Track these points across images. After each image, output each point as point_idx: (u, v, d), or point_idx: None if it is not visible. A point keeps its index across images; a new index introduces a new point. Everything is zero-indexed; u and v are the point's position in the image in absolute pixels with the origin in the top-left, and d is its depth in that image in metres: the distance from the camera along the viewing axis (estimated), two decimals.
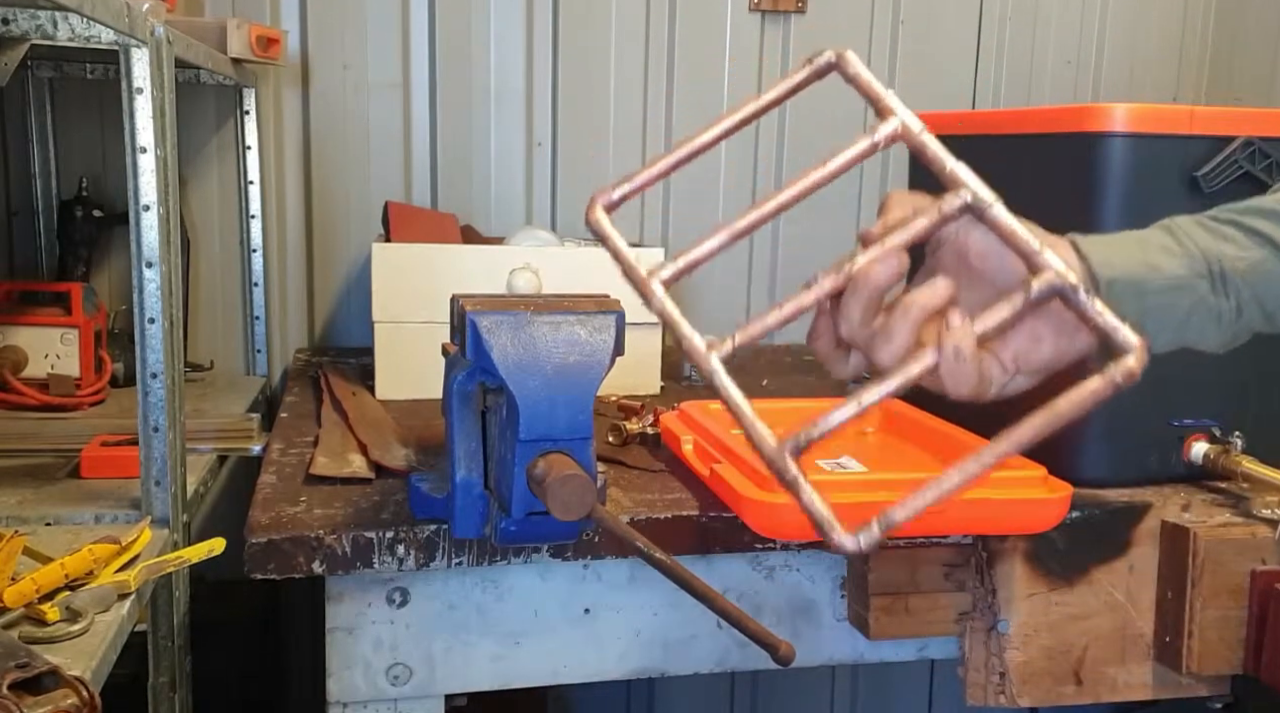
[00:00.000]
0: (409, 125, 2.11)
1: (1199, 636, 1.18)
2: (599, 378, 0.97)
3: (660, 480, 1.28)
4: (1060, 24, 2.39)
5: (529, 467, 0.95)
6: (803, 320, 0.73)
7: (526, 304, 1.02)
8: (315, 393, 1.71)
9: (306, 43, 2.05)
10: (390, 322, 1.64)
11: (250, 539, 1.08)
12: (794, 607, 1.27)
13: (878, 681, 2.44)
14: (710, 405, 1.43)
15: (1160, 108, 1.26)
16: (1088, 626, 1.23)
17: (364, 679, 1.17)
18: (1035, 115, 1.40)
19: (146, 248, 1.17)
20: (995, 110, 2.31)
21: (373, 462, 1.30)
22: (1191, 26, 2.48)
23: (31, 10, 1.09)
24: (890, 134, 0.67)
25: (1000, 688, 1.23)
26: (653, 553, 0.96)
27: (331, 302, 2.14)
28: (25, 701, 0.79)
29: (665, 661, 1.25)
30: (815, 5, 2.24)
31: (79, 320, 1.73)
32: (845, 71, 0.68)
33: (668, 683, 2.35)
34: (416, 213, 2.04)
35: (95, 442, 1.40)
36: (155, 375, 1.20)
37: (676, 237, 2.24)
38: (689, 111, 2.22)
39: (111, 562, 1.07)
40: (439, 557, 1.11)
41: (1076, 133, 1.26)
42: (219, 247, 2.08)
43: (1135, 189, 1.23)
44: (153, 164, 1.16)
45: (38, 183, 1.97)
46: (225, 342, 2.10)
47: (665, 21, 2.19)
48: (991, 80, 2.36)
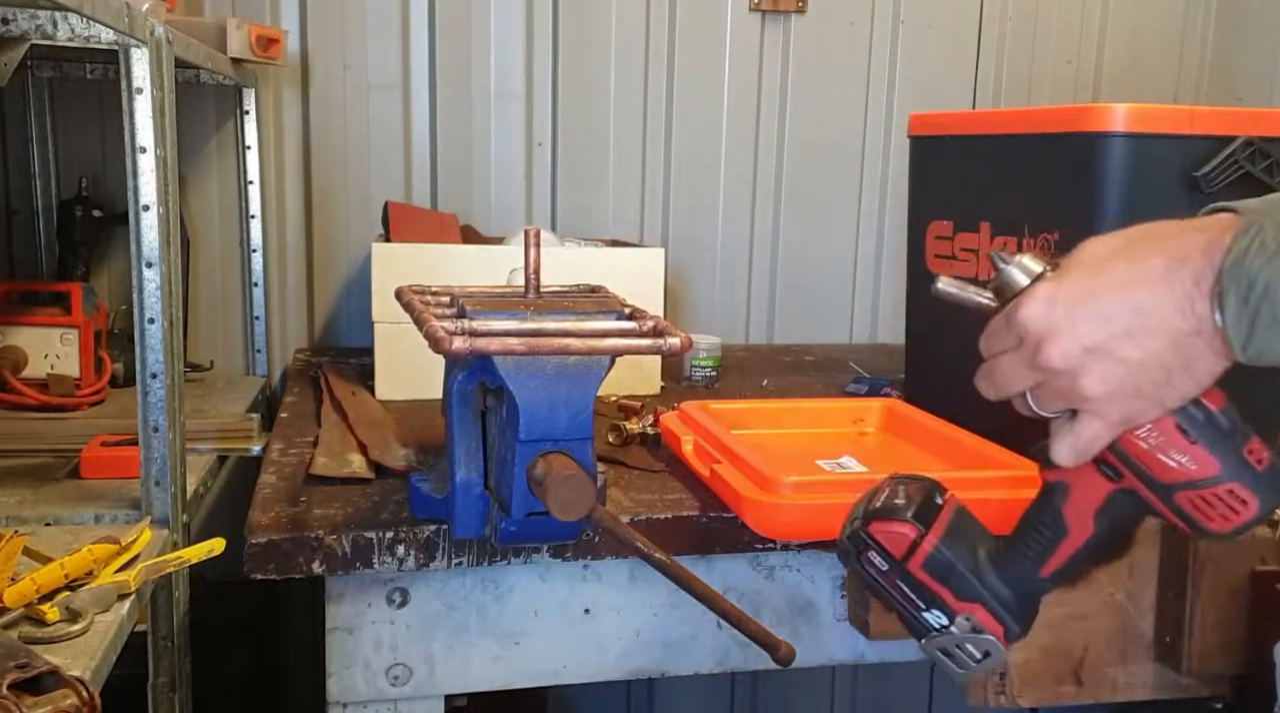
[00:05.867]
0: (409, 125, 2.11)
1: (1199, 636, 1.18)
2: (599, 378, 0.97)
3: (660, 480, 1.28)
4: (1060, 24, 2.39)
5: (529, 467, 0.95)
6: (800, 322, 0.74)
7: (526, 304, 1.03)
8: (315, 393, 1.71)
9: (306, 43, 2.05)
10: (390, 322, 1.64)
11: (250, 539, 1.08)
12: (794, 607, 1.27)
13: (878, 681, 2.44)
14: (710, 405, 1.43)
15: (1160, 108, 1.26)
16: (1088, 626, 1.23)
17: (364, 680, 1.17)
18: (1035, 115, 1.39)
19: (146, 248, 1.17)
20: (995, 110, 2.31)
21: (373, 462, 1.30)
22: (1191, 26, 2.48)
23: (31, 10, 1.09)
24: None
25: (1000, 688, 1.23)
26: (652, 553, 0.96)
27: (331, 302, 2.14)
28: (25, 701, 0.79)
29: (665, 661, 1.25)
30: (815, 5, 2.24)
31: (79, 320, 1.73)
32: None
33: (668, 683, 2.35)
34: (416, 213, 2.04)
35: (95, 442, 1.40)
36: (155, 375, 1.20)
37: (677, 237, 2.24)
38: (689, 111, 2.22)
39: (111, 562, 1.07)
40: (439, 557, 1.11)
41: (1076, 133, 1.26)
42: (219, 247, 2.08)
43: (1135, 189, 1.23)
44: (152, 164, 1.16)
45: (38, 183, 1.97)
46: (225, 342, 2.10)
47: (665, 21, 2.19)
48: (991, 80, 2.36)
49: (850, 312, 2.37)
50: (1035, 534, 0.80)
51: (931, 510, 0.83)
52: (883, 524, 0.83)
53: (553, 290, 1.12)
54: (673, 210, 2.24)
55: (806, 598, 1.27)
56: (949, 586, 0.81)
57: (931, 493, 0.85)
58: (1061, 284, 0.69)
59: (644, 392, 1.73)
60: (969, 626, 0.81)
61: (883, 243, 2.35)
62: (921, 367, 1.64)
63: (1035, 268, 0.72)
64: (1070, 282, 0.69)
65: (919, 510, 0.83)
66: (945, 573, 0.81)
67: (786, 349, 2.26)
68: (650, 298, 1.71)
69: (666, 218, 2.25)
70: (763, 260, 2.31)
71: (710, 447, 1.28)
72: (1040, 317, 0.69)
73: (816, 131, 2.29)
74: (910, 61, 2.30)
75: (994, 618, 0.81)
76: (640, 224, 2.23)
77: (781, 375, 1.96)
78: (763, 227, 2.29)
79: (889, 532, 0.82)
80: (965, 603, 0.81)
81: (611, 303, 1.07)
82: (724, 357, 1.93)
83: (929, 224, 1.56)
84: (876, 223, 2.35)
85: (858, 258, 2.36)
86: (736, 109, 2.25)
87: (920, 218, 1.59)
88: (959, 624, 0.81)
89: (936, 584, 0.82)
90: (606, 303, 1.07)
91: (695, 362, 1.84)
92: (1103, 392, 0.68)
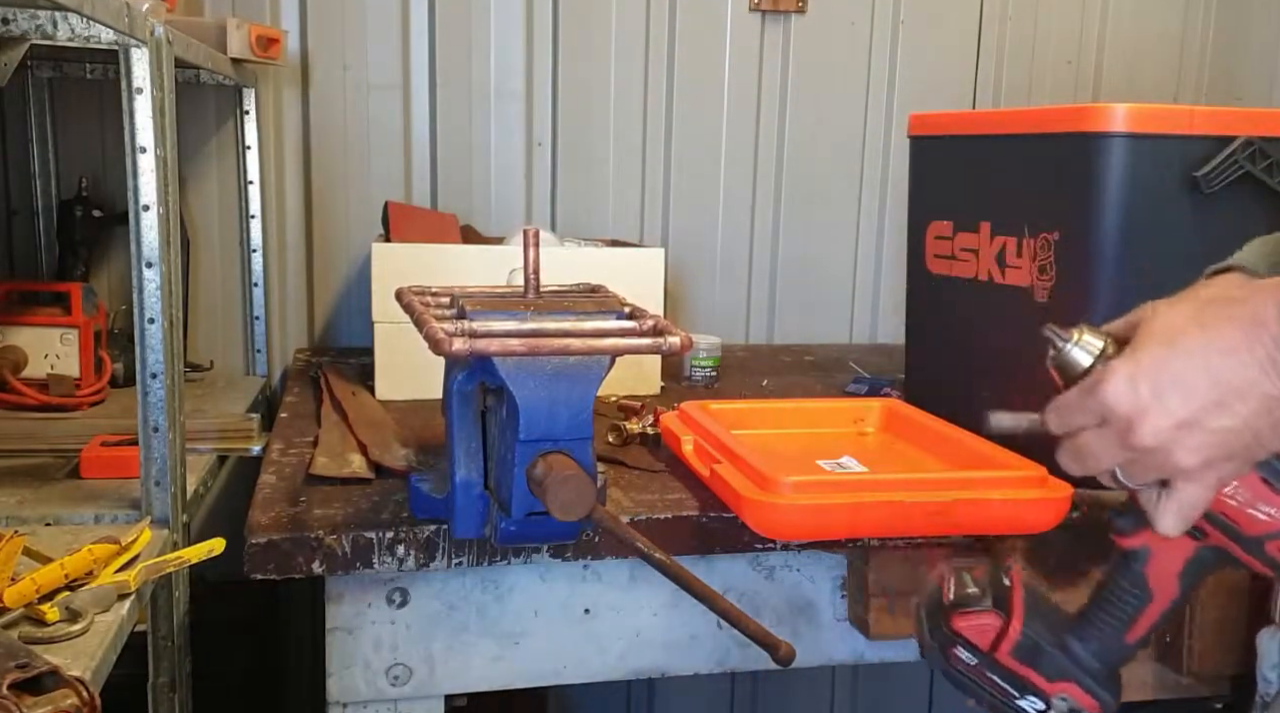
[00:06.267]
0: (409, 125, 2.11)
1: (1199, 636, 1.18)
2: (599, 378, 0.97)
3: (660, 480, 1.28)
4: (1060, 24, 2.39)
5: (529, 467, 0.95)
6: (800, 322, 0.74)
7: (526, 304, 1.02)
8: (315, 393, 1.71)
9: (306, 43, 2.05)
10: (390, 322, 1.64)
11: (250, 539, 1.08)
12: (794, 607, 1.27)
13: (878, 681, 2.44)
14: (710, 405, 1.43)
15: (1160, 108, 1.26)
16: None
17: (364, 680, 1.17)
18: (1035, 115, 1.39)
19: (146, 248, 1.17)
20: (995, 110, 2.31)
21: (373, 462, 1.30)
22: (1191, 26, 2.48)
23: (31, 10, 1.09)
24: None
25: None
26: (653, 553, 0.96)
27: (331, 302, 2.14)
28: (25, 701, 0.79)
29: (665, 661, 1.25)
30: (815, 5, 2.24)
31: (79, 320, 1.73)
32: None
33: (668, 683, 2.35)
34: (416, 213, 2.04)
35: (95, 442, 1.40)
36: (155, 375, 1.20)
37: (676, 237, 2.24)
38: (689, 111, 2.22)
39: (111, 562, 1.07)
40: (439, 557, 1.11)
41: (1076, 133, 1.26)
42: (219, 247, 2.08)
43: (1135, 189, 1.23)
44: (152, 164, 1.16)
45: (38, 183, 1.97)
46: (225, 342, 2.10)
47: (665, 21, 2.19)
48: (991, 80, 2.36)
49: (850, 312, 2.37)
50: (1118, 602, 0.80)
51: (1004, 592, 0.82)
52: (965, 619, 0.81)
53: (552, 290, 1.12)
54: (673, 210, 2.24)
55: (806, 598, 1.27)
56: (1039, 668, 0.80)
57: (998, 573, 0.83)
58: (1140, 360, 0.70)
59: (644, 392, 1.73)
60: (1066, 707, 0.81)
61: (883, 243, 2.35)
62: (921, 367, 1.64)
63: (1097, 344, 0.73)
64: (1148, 357, 0.70)
65: (996, 596, 0.82)
66: (1034, 656, 0.80)
67: (786, 349, 2.26)
68: (650, 298, 1.71)
69: (666, 218, 2.25)
70: (763, 260, 2.31)
71: (710, 447, 1.28)
72: (1125, 397, 0.69)
73: (816, 131, 2.28)
74: (910, 61, 2.30)
75: (1089, 693, 0.80)
76: (640, 224, 2.23)
77: (781, 375, 1.96)
78: (763, 226, 2.29)
79: (972, 625, 0.81)
80: (1058, 683, 0.80)
81: (611, 303, 1.07)
82: (724, 357, 1.93)
83: (929, 224, 1.56)
84: (876, 223, 2.35)
85: (858, 258, 2.36)
86: (736, 109, 2.25)
87: (920, 218, 1.59)
88: (1056, 707, 0.81)
89: (1027, 669, 0.81)
90: (606, 303, 1.07)
91: (695, 362, 1.84)
92: (1199, 461, 0.69)
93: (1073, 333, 0.74)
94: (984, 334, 1.43)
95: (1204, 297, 0.72)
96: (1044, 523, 1.15)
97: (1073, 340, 0.73)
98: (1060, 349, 0.74)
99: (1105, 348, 0.72)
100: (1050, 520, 1.15)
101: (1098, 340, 0.73)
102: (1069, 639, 0.81)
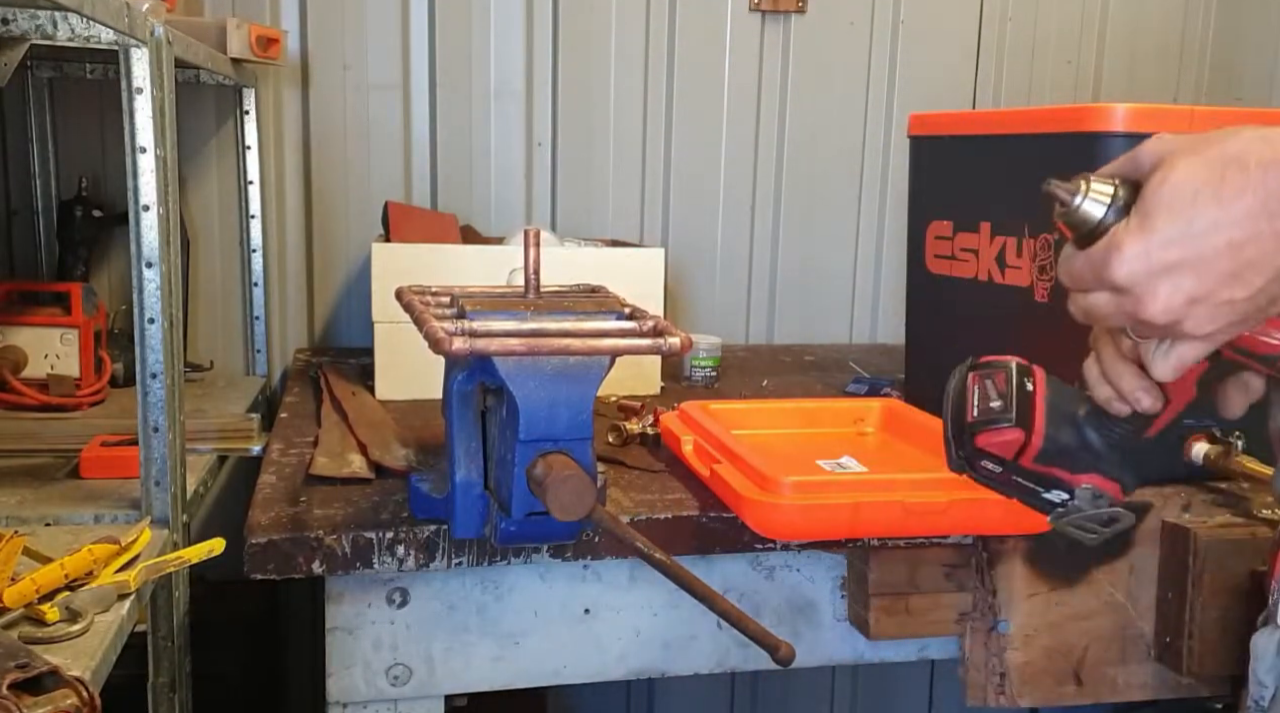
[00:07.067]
0: (409, 125, 2.11)
1: (1199, 636, 1.18)
2: (599, 378, 0.97)
3: (660, 480, 1.28)
4: (1060, 24, 2.39)
5: (529, 467, 0.95)
6: (800, 322, 0.73)
7: (526, 304, 1.03)
8: (315, 393, 1.71)
9: (306, 43, 2.05)
10: (390, 322, 1.64)
11: (250, 539, 1.08)
12: (794, 607, 1.27)
13: (878, 681, 2.44)
14: (710, 405, 1.43)
15: (1160, 108, 1.26)
16: (1088, 626, 1.23)
17: (364, 680, 1.17)
18: (1035, 115, 1.39)
19: (146, 248, 1.17)
20: (995, 110, 2.31)
21: (373, 462, 1.30)
22: (1191, 26, 2.48)
23: (31, 10, 1.09)
24: None
25: (1000, 688, 1.23)
26: (652, 553, 0.96)
27: (331, 302, 2.14)
28: (25, 701, 0.79)
29: (665, 661, 1.25)
30: (815, 5, 2.24)
31: (79, 320, 1.73)
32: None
33: (668, 683, 2.35)
34: (416, 213, 2.04)
35: (95, 442, 1.40)
36: (155, 375, 1.20)
37: (676, 237, 2.24)
38: (689, 111, 2.22)
39: (111, 562, 1.07)
40: (439, 557, 1.11)
41: (1076, 133, 1.26)
42: (219, 247, 2.08)
43: None
44: (152, 164, 1.16)
45: (37, 183, 1.97)
46: (225, 342, 2.10)
47: (665, 21, 2.19)
48: (991, 80, 2.36)
49: (850, 312, 2.37)
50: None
51: (1027, 402, 0.81)
52: (988, 436, 0.82)
53: (552, 290, 1.12)
54: (673, 210, 2.24)
55: (806, 598, 1.27)
56: (1062, 465, 0.81)
57: (1021, 380, 0.82)
58: (1151, 236, 0.67)
59: (644, 392, 1.73)
60: (1089, 494, 0.81)
61: (883, 243, 2.35)
62: (921, 367, 1.64)
63: (1106, 191, 0.70)
64: (1160, 235, 0.67)
65: (1019, 409, 0.81)
66: (1057, 457, 0.81)
67: (786, 349, 2.26)
68: (650, 298, 1.71)
69: (666, 218, 2.25)
70: (763, 260, 2.31)
71: (710, 447, 1.28)
72: (1139, 274, 0.67)
73: (816, 132, 2.28)
74: (910, 61, 2.30)
75: (1110, 479, 0.81)
76: (640, 224, 2.23)
77: (781, 375, 1.96)
78: (763, 226, 2.29)
79: (996, 441, 0.81)
80: (1080, 475, 0.81)
81: (611, 303, 1.07)
82: (724, 357, 1.93)
83: (929, 224, 1.56)
84: (876, 223, 2.35)
85: (858, 258, 2.36)
86: (736, 109, 2.25)
87: (920, 218, 1.59)
88: (1079, 495, 0.82)
89: (1050, 468, 0.81)
90: (606, 303, 1.07)
91: (695, 362, 1.84)
92: (1209, 330, 0.69)
93: (1079, 183, 0.71)
94: (984, 334, 1.43)
95: (1225, 155, 0.67)
96: (1044, 523, 1.15)
97: (1081, 193, 0.70)
98: (1070, 205, 0.71)
99: (1116, 193, 0.69)
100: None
101: (1106, 187, 0.70)
102: (1092, 437, 0.81)
